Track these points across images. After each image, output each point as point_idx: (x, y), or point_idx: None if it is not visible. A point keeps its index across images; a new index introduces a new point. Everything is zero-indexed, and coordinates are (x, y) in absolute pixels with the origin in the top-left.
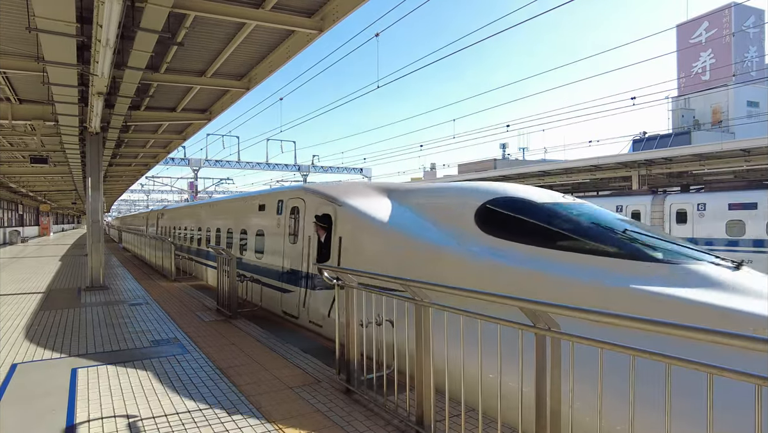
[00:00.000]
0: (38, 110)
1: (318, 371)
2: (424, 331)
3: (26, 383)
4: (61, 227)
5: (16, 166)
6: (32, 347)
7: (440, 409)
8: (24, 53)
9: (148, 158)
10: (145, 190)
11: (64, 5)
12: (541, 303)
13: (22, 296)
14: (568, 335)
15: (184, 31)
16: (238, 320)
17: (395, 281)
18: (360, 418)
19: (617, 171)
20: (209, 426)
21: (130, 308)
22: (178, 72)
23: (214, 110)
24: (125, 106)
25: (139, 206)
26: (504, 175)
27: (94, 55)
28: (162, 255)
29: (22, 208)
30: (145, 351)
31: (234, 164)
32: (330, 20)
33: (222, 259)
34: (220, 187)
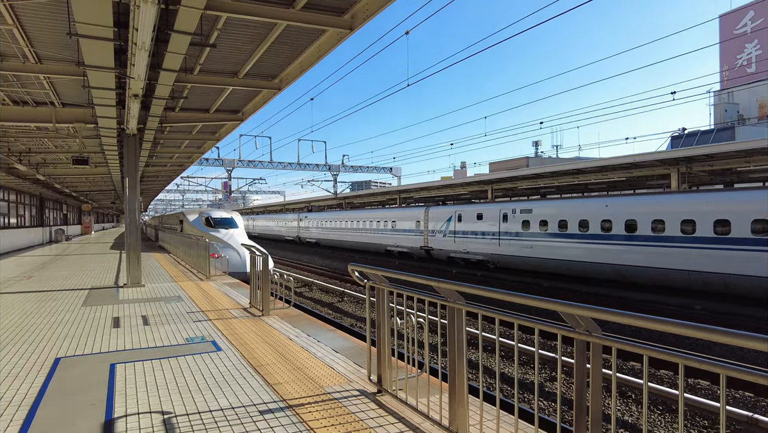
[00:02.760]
0: (79, 113)
1: (350, 372)
2: (457, 333)
3: (68, 376)
4: (102, 226)
5: (60, 167)
6: (74, 342)
7: (473, 412)
8: (66, 58)
9: (183, 159)
10: (181, 190)
11: (102, 10)
12: (583, 307)
13: (66, 292)
14: (611, 339)
15: (216, 32)
16: (271, 317)
17: (427, 281)
18: (391, 420)
19: (655, 169)
20: (241, 424)
21: (166, 305)
22: (211, 73)
23: (247, 111)
24: (160, 108)
25: (175, 206)
26: (537, 174)
27: (131, 58)
28: (197, 253)
29: (65, 208)
30: (179, 348)
31: (266, 164)
32: (360, 18)
33: (255, 257)
34: (252, 187)
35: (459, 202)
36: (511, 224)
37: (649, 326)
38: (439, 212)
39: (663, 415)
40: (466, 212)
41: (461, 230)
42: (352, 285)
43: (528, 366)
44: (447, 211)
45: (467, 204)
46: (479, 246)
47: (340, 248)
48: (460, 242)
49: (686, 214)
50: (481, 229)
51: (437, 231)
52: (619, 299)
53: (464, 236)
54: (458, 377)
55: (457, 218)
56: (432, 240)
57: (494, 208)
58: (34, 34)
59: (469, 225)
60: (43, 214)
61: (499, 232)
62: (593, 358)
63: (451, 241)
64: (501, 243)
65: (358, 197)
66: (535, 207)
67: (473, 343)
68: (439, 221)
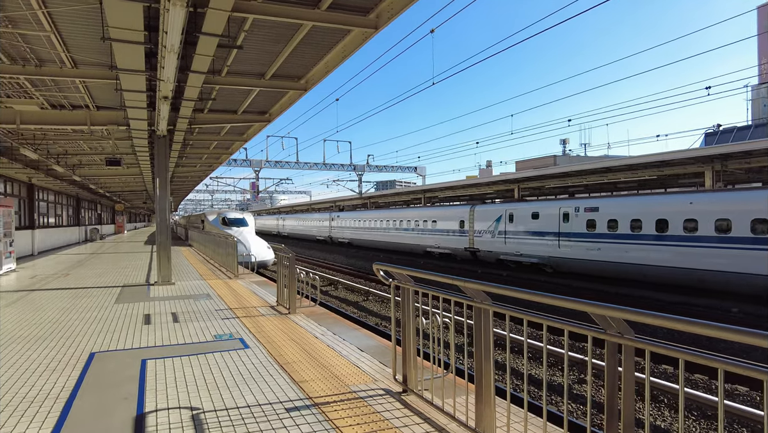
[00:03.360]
0: (112, 116)
1: (375, 371)
2: (483, 333)
3: (102, 371)
4: (134, 225)
5: (94, 168)
6: (107, 337)
7: (500, 414)
8: (100, 63)
9: (211, 159)
10: (210, 190)
11: (134, 14)
12: (614, 308)
13: (100, 289)
14: (644, 342)
15: (243, 34)
16: (297, 315)
17: (453, 281)
18: (417, 420)
19: (688, 167)
20: (267, 421)
21: (195, 302)
22: (238, 75)
23: (273, 112)
24: (189, 110)
25: (204, 206)
26: (565, 172)
27: (160, 61)
28: (225, 252)
29: (100, 208)
30: (208, 345)
31: (293, 165)
32: (385, 17)
33: (282, 256)
34: (279, 187)
35: (509, 199)
36: (574, 224)
37: (684, 329)
38: (486, 211)
39: (698, 421)
40: (519, 211)
41: (513, 230)
42: (377, 284)
43: (555, 368)
44: (496, 210)
45: (520, 202)
46: (534, 248)
47: (374, 248)
48: (511, 243)
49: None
50: (536, 229)
51: (485, 231)
52: (646, 299)
53: (517, 236)
54: (485, 378)
55: (508, 217)
56: (478, 241)
57: (553, 206)
58: (70, 39)
59: (522, 225)
60: (79, 214)
61: (559, 232)
62: (625, 361)
63: (500, 242)
64: (561, 245)
65: (382, 197)
66: (602, 205)
67: (499, 344)
68: (486, 220)
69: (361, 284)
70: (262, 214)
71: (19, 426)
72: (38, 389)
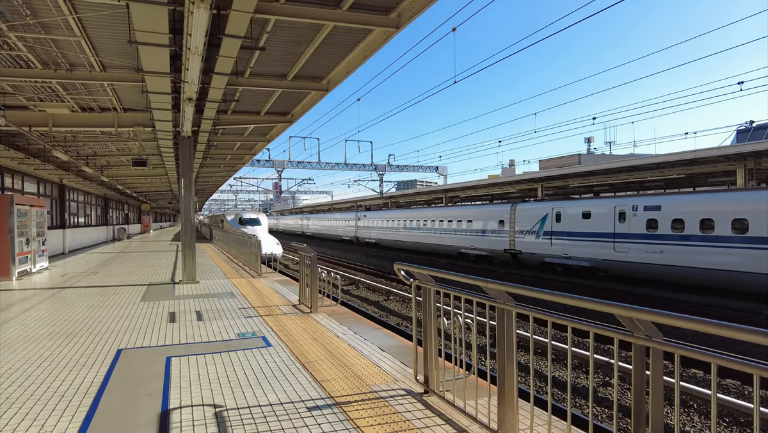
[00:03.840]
0: (138, 117)
1: (396, 371)
2: (506, 335)
3: (128, 367)
4: (160, 225)
5: (122, 169)
6: (133, 334)
7: (522, 417)
8: (127, 66)
9: (235, 160)
10: (234, 190)
11: (159, 18)
12: (642, 310)
13: (127, 287)
14: (674, 345)
15: (265, 35)
16: (319, 314)
17: (475, 281)
18: (438, 421)
19: (718, 165)
20: (289, 420)
21: (219, 301)
22: (261, 76)
23: (296, 113)
24: (213, 111)
25: (228, 206)
26: (589, 171)
27: (185, 63)
28: (248, 251)
29: (127, 208)
30: (231, 343)
31: (315, 165)
32: (406, 17)
33: (304, 256)
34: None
35: (556, 197)
36: (632, 224)
37: (714, 332)
38: (530, 210)
39: (730, 428)
40: (568, 210)
41: (560, 230)
42: (399, 284)
43: (580, 370)
44: (541, 209)
45: (568, 200)
46: (585, 250)
47: (403, 249)
48: (558, 244)
49: None
50: (588, 229)
51: (528, 232)
52: (675, 302)
53: (564, 237)
54: (507, 379)
55: (554, 216)
56: (520, 242)
57: (607, 205)
58: (99, 44)
59: (571, 225)
60: (107, 213)
61: (614, 233)
62: (653, 364)
63: (546, 243)
64: (617, 247)
65: (403, 196)
66: (664, 203)
67: (522, 345)
68: (530, 220)
69: (382, 284)
70: (284, 213)
71: (50, 419)
72: (68, 383)
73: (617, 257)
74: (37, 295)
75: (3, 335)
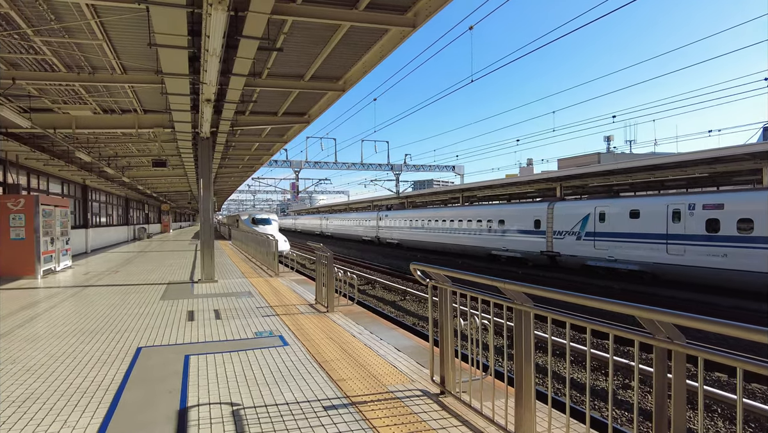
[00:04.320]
0: (158, 119)
1: (412, 371)
2: (524, 336)
3: (148, 365)
4: (179, 225)
5: (142, 170)
6: (153, 333)
7: (540, 419)
8: (147, 68)
9: (253, 160)
10: (252, 190)
11: (178, 20)
12: (663, 312)
13: (146, 286)
14: (696, 348)
15: (282, 36)
16: (335, 314)
17: (492, 282)
18: (454, 423)
19: (743, 163)
20: (306, 419)
21: (237, 300)
22: (278, 77)
23: (312, 113)
24: (231, 112)
25: (246, 206)
26: (609, 170)
27: (203, 65)
28: (266, 251)
29: (147, 208)
30: (248, 342)
31: (331, 165)
32: (423, 16)
33: (320, 255)
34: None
35: (599, 195)
36: (688, 224)
37: (740, 335)
38: (569, 209)
39: None
40: (614, 208)
41: (605, 231)
42: (415, 284)
43: (599, 372)
44: (582, 208)
45: (614, 198)
46: (633, 252)
47: (428, 250)
48: (602, 246)
49: None
50: (636, 230)
51: (567, 232)
52: (701, 304)
53: (610, 238)
54: (525, 381)
55: (598, 216)
56: (559, 243)
57: (658, 203)
58: (120, 47)
59: (616, 225)
60: (128, 213)
61: (667, 234)
62: (675, 368)
63: (588, 245)
64: (670, 249)
65: (419, 196)
66: (729, 201)
67: (540, 346)
68: (570, 219)
69: (398, 284)
70: (302, 213)
71: (73, 415)
72: (90, 380)
73: (670, 260)
74: (61, 293)
75: (30, 331)
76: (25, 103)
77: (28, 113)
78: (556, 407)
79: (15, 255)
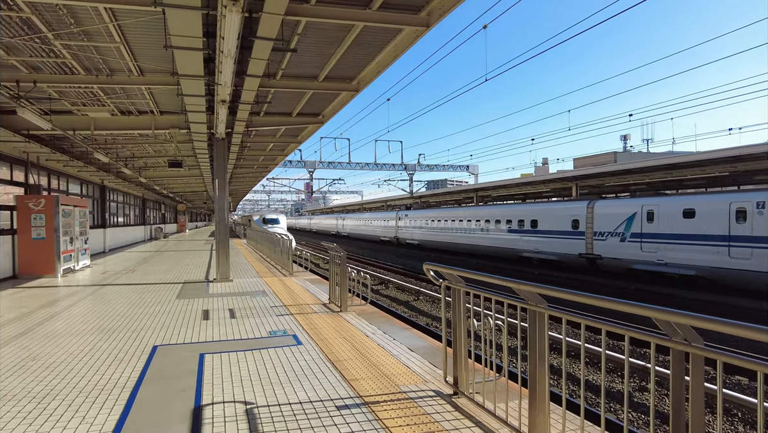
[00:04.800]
0: (174, 120)
1: (425, 372)
2: (538, 337)
3: (164, 363)
4: (195, 225)
5: (158, 170)
6: (169, 331)
7: (554, 421)
8: (163, 70)
9: (268, 161)
10: (267, 191)
11: (193, 22)
12: (680, 313)
13: (163, 285)
14: (716, 351)
15: (296, 37)
16: (348, 314)
17: (505, 282)
18: (468, 424)
19: (766, 162)
20: (318, 418)
21: (251, 299)
22: (293, 78)
23: (326, 114)
24: (246, 113)
25: (261, 206)
26: (626, 169)
27: (218, 66)
28: (280, 250)
29: (163, 208)
30: (262, 341)
31: (345, 165)
32: (436, 15)
33: (334, 255)
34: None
35: (645, 193)
36: (757, 225)
37: (759, 338)
38: (612, 208)
39: None
40: (664, 207)
41: (653, 232)
42: (428, 284)
43: (615, 374)
44: (627, 207)
45: (663, 196)
46: (688, 255)
47: (451, 252)
48: (650, 248)
49: None
50: (692, 231)
51: (609, 233)
52: (726, 306)
53: (659, 240)
54: (539, 382)
55: (645, 215)
56: (600, 245)
57: (717, 201)
58: (137, 49)
59: (667, 225)
60: (144, 213)
61: (730, 236)
62: (693, 370)
63: (634, 247)
64: (733, 252)
65: (433, 196)
66: None
67: (554, 347)
68: (612, 219)
69: (411, 284)
70: (316, 213)
71: (91, 411)
72: (108, 377)
73: (734, 265)
74: (80, 291)
75: (50, 329)
76: (45, 105)
77: (49, 115)
78: (570, 409)
79: (36, 254)
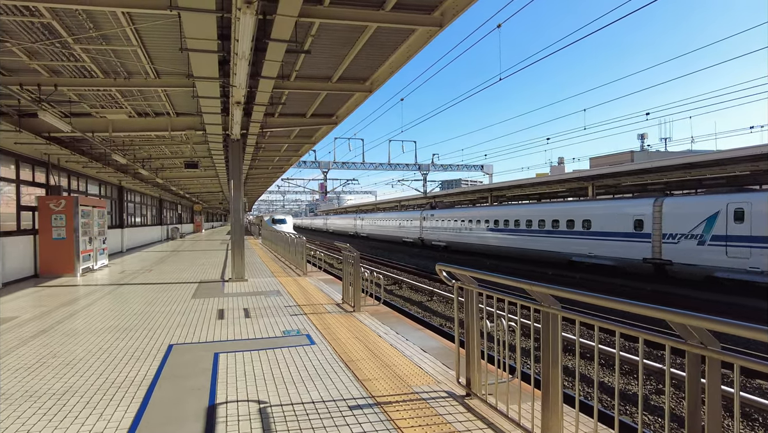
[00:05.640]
0: (190, 121)
1: (438, 372)
2: (552, 339)
3: (179, 362)
4: (211, 225)
5: (175, 171)
6: (184, 330)
7: (567, 423)
8: (179, 72)
9: (282, 162)
10: (281, 191)
11: (208, 25)
12: (696, 316)
13: (179, 284)
14: (732, 355)
15: (310, 39)
16: (361, 314)
17: (518, 283)
18: (480, 425)
19: None
20: (331, 418)
21: (266, 299)
22: (306, 79)
23: (340, 114)
24: (261, 114)
25: (276, 206)
26: (643, 168)
27: (233, 68)
28: (295, 251)
29: (180, 208)
30: (276, 340)
31: (359, 165)
32: (450, 15)
33: (347, 255)
34: (346, 188)
35: (728, 188)
36: None
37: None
38: (687, 206)
39: None
40: (758, 205)
41: (743, 234)
42: (441, 284)
43: (630, 376)
44: (707, 204)
45: (754, 192)
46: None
47: (486, 255)
48: (739, 253)
49: None
50: None
51: (684, 235)
52: (748, 309)
53: (752, 244)
54: (552, 384)
55: (731, 214)
56: (671, 249)
57: None
58: (153, 52)
59: (763, 226)
60: (161, 213)
61: None
62: (709, 374)
63: (717, 252)
64: None
65: (447, 196)
66: None
67: (568, 349)
68: (687, 219)
69: (424, 284)
70: (331, 213)
71: (108, 409)
72: (125, 375)
73: None
74: (98, 291)
75: (70, 327)
76: (65, 108)
77: (69, 118)
78: (584, 411)
79: (56, 254)
